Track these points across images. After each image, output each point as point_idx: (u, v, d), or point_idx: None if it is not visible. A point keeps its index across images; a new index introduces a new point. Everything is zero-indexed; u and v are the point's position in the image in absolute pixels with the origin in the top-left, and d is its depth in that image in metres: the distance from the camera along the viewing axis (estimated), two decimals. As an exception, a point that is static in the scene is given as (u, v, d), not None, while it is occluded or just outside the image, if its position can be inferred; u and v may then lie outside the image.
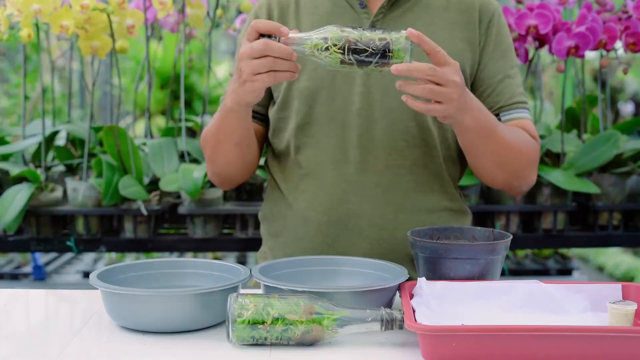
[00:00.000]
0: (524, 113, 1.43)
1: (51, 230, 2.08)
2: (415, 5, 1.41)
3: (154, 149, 2.11)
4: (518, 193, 1.48)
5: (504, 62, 1.43)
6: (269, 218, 1.51)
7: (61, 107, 3.53)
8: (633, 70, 5.61)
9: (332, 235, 1.40)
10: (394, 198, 1.39)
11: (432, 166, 1.42)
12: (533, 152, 1.42)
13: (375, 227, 1.39)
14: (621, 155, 2.12)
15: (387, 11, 1.40)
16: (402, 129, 1.38)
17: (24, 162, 2.20)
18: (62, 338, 1.08)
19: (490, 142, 1.32)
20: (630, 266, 4.57)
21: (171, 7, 2.09)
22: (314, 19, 1.41)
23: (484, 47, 1.42)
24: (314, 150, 1.40)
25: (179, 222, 2.30)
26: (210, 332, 1.10)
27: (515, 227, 2.13)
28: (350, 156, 1.39)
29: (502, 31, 1.44)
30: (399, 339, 1.07)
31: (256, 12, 1.47)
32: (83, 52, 1.97)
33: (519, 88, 1.44)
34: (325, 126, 1.39)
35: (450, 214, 1.45)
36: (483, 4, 1.43)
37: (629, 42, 2.03)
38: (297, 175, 1.43)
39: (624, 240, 2.20)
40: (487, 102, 1.42)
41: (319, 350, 1.02)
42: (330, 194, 1.39)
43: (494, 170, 1.39)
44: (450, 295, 1.11)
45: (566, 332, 0.95)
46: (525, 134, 1.41)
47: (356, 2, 1.41)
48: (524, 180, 1.43)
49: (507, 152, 1.35)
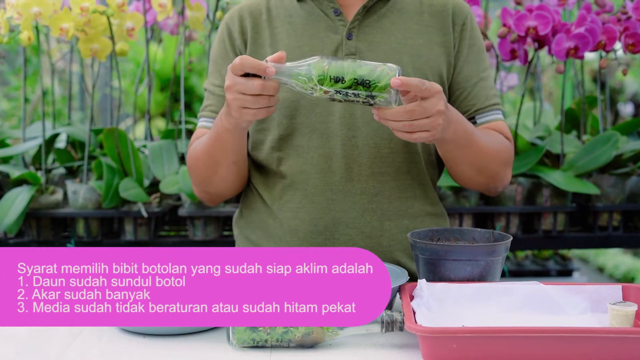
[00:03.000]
0: (498, 114, 1.45)
1: (51, 233, 2.09)
2: (389, 11, 1.41)
3: (154, 151, 2.12)
4: (494, 193, 1.49)
5: (477, 65, 1.44)
6: (249, 225, 1.49)
7: (61, 109, 3.53)
8: (632, 71, 5.61)
9: (319, 244, 1.39)
10: (379, 205, 1.40)
11: (414, 171, 1.42)
12: (508, 153, 1.44)
13: (362, 235, 1.39)
14: (621, 156, 2.13)
15: (362, 18, 1.39)
16: (385, 136, 1.38)
17: (24, 165, 2.21)
18: (62, 340, 1.09)
19: (468, 150, 1.34)
20: (630, 267, 4.57)
21: (171, 10, 2.09)
22: (289, 28, 1.41)
23: (458, 50, 1.43)
24: (298, 160, 1.40)
25: (180, 224, 2.31)
26: (210, 334, 1.10)
27: (515, 228, 2.13)
28: (335, 165, 1.38)
29: (474, 34, 1.45)
30: (399, 340, 1.07)
31: (227, 24, 1.45)
32: (83, 55, 1.97)
33: (493, 90, 1.46)
34: (308, 136, 1.39)
35: (431, 218, 1.46)
36: (456, 7, 1.43)
37: (628, 43, 2.03)
38: (280, 185, 1.42)
39: (624, 241, 2.20)
40: (462, 105, 1.43)
41: (319, 353, 1.03)
42: (316, 204, 1.39)
43: (472, 176, 1.41)
44: (450, 297, 1.12)
45: (566, 333, 0.96)
46: (500, 136, 1.43)
47: (330, 10, 1.40)
48: (499, 181, 1.44)
49: (485, 157, 1.37)
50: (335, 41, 1.38)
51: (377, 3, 1.40)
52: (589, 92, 3.51)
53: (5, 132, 2.31)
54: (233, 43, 1.43)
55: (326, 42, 1.38)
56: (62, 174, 2.19)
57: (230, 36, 1.44)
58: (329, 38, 1.38)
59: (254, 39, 1.42)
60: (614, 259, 4.77)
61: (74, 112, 4.09)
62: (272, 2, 1.44)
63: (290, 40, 1.39)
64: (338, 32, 1.39)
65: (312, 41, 1.38)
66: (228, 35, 1.44)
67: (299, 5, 1.42)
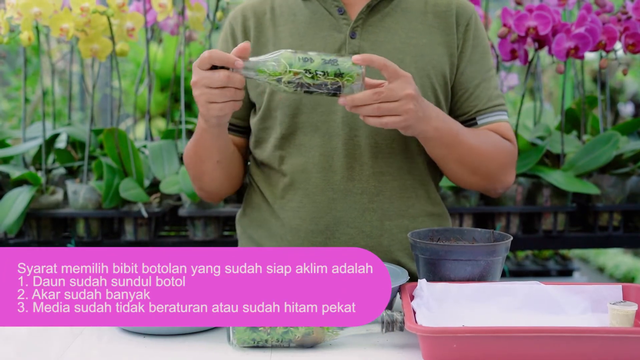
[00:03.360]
0: (502, 115, 1.44)
1: (52, 233, 2.09)
2: (393, 10, 1.41)
3: (154, 151, 2.12)
4: (495, 195, 1.49)
5: (481, 66, 1.43)
6: (251, 223, 1.49)
7: (61, 109, 3.53)
8: (632, 71, 5.61)
9: (319, 243, 1.39)
10: (380, 205, 1.40)
11: (416, 172, 1.42)
12: (507, 155, 1.42)
13: (362, 235, 1.39)
14: (621, 156, 2.13)
15: (366, 17, 1.39)
16: (387, 136, 1.38)
17: (24, 165, 2.21)
18: (63, 340, 1.09)
19: (455, 149, 1.33)
20: (631, 267, 4.57)
21: (171, 10, 2.09)
22: (292, 26, 1.41)
23: (462, 51, 1.42)
24: (299, 159, 1.40)
25: (180, 225, 2.31)
26: (210, 334, 1.10)
27: (516, 228, 2.13)
28: (337, 164, 1.38)
29: (479, 34, 1.44)
30: (399, 340, 1.07)
31: (231, 23, 1.46)
32: (83, 55, 1.97)
33: (496, 91, 1.45)
34: (310, 135, 1.39)
35: (432, 218, 1.45)
36: (460, 8, 1.43)
37: (629, 43, 2.03)
38: (282, 184, 1.42)
39: (624, 241, 2.20)
40: (464, 106, 1.43)
41: (319, 353, 1.03)
42: (317, 203, 1.39)
43: (464, 176, 1.41)
44: (450, 297, 1.12)
45: (567, 333, 0.96)
46: (498, 137, 1.41)
47: (335, 9, 1.40)
48: (498, 183, 1.44)
49: (476, 158, 1.36)
50: (339, 40, 1.38)
51: (382, 2, 1.40)
52: (589, 92, 3.51)
53: (5, 133, 2.31)
54: (235, 42, 1.43)
55: (329, 40, 1.38)
56: (62, 174, 2.19)
57: (233, 35, 1.44)
58: (332, 37, 1.38)
59: (257, 38, 1.42)
60: (614, 259, 4.77)
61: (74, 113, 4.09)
62: (276, 1, 1.44)
63: (293, 39, 1.39)
64: (342, 30, 1.39)
65: (315, 40, 1.38)
66: (231, 35, 1.45)
67: (304, 4, 1.42)
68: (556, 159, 2.17)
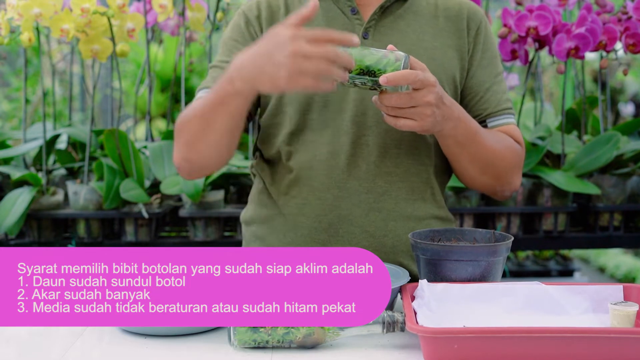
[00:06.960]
0: (510, 118, 1.45)
1: (52, 234, 2.09)
2: (405, 13, 1.41)
3: (154, 152, 2.12)
4: (501, 197, 1.49)
5: (490, 70, 1.44)
6: (255, 221, 1.49)
7: (62, 110, 3.53)
8: (633, 71, 5.61)
9: (322, 241, 1.39)
10: (384, 205, 1.39)
11: (424, 174, 1.42)
12: (516, 157, 1.43)
13: (366, 234, 1.39)
14: (621, 156, 2.12)
15: (379, 18, 1.40)
16: (395, 137, 1.38)
17: (25, 166, 2.21)
18: (63, 341, 1.09)
19: (470, 148, 1.34)
20: (631, 267, 4.57)
21: (171, 11, 2.09)
22: (305, 25, 1.40)
23: (472, 55, 1.43)
24: (306, 156, 1.39)
25: (180, 225, 2.31)
26: (211, 335, 1.10)
27: (516, 229, 2.13)
28: (343, 162, 1.38)
29: (488, 39, 1.45)
30: (400, 341, 1.07)
31: (244, 12, 1.44)
32: (84, 56, 1.97)
33: (505, 94, 1.46)
34: (319, 132, 1.39)
35: (437, 221, 1.45)
36: (471, 12, 1.44)
37: (629, 43, 2.03)
38: (287, 180, 1.42)
39: (625, 241, 2.20)
40: (474, 109, 1.43)
41: (320, 353, 1.03)
42: (322, 200, 1.39)
43: (476, 175, 1.40)
44: (451, 297, 1.11)
45: (567, 333, 0.95)
46: (510, 139, 1.42)
47: (348, 9, 1.40)
48: (507, 185, 1.44)
49: (489, 157, 1.36)
50: None
51: (394, 4, 1.41)
52: (590, 92, 3.51)
53: (6, 133, 2.32)
54: (249, 26, 1.41)
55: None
56: (62, 175, 2.19)
57: (248, 22, 1.42)
58: None
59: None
60: (614, 259, 4.77)
61: (74, 113, 4.09)
62: None
63: None
64: (354, 31, 1.39)
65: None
66: (245, 21, 1.42)
67: (318, 3, 1.41)
68: (557, 159, 2.17)
